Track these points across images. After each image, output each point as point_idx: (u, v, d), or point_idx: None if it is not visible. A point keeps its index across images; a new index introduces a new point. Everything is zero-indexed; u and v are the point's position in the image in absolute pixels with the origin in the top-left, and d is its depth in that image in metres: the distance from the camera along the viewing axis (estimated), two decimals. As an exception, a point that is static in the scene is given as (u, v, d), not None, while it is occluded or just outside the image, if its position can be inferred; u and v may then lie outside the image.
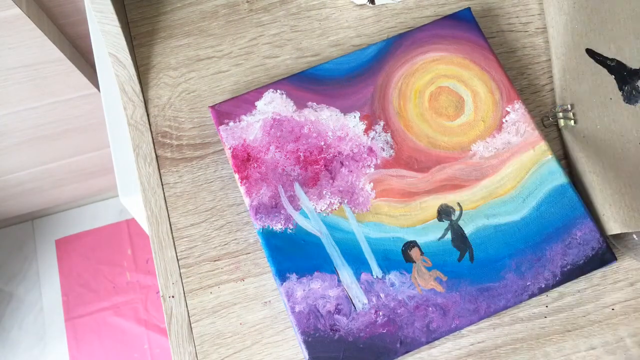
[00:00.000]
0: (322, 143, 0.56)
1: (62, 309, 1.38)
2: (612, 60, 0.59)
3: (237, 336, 0.53)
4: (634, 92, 0.57)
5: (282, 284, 0.52)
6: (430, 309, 0.51)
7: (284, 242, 0.53)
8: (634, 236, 0.54)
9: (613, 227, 0.52)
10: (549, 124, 0.58)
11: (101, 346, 1.35)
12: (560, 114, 0.57)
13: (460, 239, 0.53)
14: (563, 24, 0.60)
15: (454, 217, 0.53)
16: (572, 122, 0.57)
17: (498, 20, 0.63)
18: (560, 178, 0.54)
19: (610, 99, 0.57)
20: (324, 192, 0.54)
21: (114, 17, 0.56)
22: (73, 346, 1.35)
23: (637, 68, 0.58)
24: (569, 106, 0.57)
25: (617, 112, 0.57)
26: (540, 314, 0.52)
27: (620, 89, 0.58)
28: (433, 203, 0.54)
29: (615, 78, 0.58)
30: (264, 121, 0.57)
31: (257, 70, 0.62)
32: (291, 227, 0.53)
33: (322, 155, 0.55)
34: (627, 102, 0.57)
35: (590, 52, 0.59)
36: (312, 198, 0.54)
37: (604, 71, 0.59)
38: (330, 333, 0.50)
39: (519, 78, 0.60)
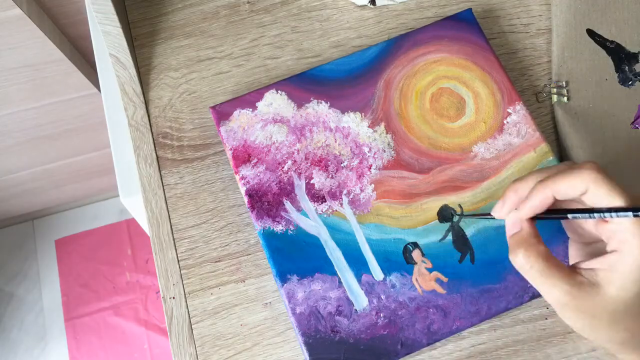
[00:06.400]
0: (323, 144, 0.56)
1: (62, 309, 1.38)
2: (612, 42, 0.59)
3: (237, 337, 0.53)
4: (629, 75, 0.58)
5: (282, 285, 0.52)
6: (431, 310, 0.51)
7: (284, 244, 0.53)
8: None
9: None
10: (543, 100, 0.59)
11: (101, 346, 1.35)
12: (555, 90, 0.58)
13: (461, 240, 0.53)
14: (567, 2, 0.60)
15: (455, 219, 0.53)
16: (565, 98, 0.58)
17: (499, 21, 0.63)
18: (561, 179, 0.54)
19: (606, 79, 0.58)
20: (325, 193, 0.54)
21: (115, 17, 0.56)
22: (73, 346, 1.35)
23: (636, 52, 0.59)
24: (564, 83, 0.58)
25: (611, 93, 0.58)
26: (541, 315, 0.52)
27: (617, 70, 0.59)
28: (434, 204, 0.54)
29: (612, 60, 0.59)
30: (265, 122, 0.57)
31: (258, 71, 0.62)
32: (292, 228, 0.53)
33: (323, 156, 0.55)
34: (622, 84, 0.58)
35: (591, 33, 0.60)
36: (313, 199, 0.54)
37: (602, 52, 0.59)
38: (331, 334, 0.50)
39: (520, 79, 0.60)
